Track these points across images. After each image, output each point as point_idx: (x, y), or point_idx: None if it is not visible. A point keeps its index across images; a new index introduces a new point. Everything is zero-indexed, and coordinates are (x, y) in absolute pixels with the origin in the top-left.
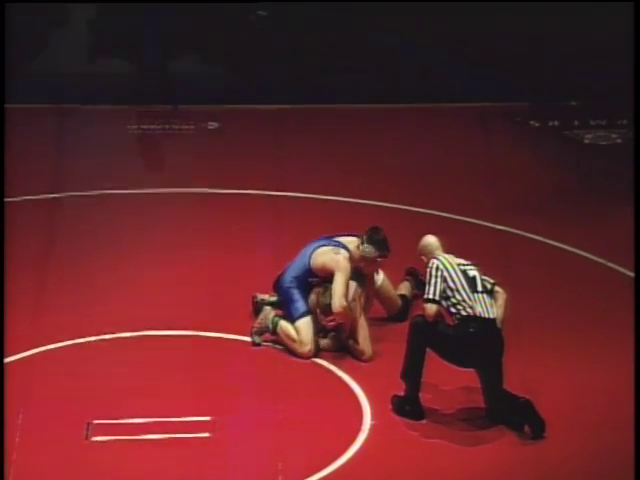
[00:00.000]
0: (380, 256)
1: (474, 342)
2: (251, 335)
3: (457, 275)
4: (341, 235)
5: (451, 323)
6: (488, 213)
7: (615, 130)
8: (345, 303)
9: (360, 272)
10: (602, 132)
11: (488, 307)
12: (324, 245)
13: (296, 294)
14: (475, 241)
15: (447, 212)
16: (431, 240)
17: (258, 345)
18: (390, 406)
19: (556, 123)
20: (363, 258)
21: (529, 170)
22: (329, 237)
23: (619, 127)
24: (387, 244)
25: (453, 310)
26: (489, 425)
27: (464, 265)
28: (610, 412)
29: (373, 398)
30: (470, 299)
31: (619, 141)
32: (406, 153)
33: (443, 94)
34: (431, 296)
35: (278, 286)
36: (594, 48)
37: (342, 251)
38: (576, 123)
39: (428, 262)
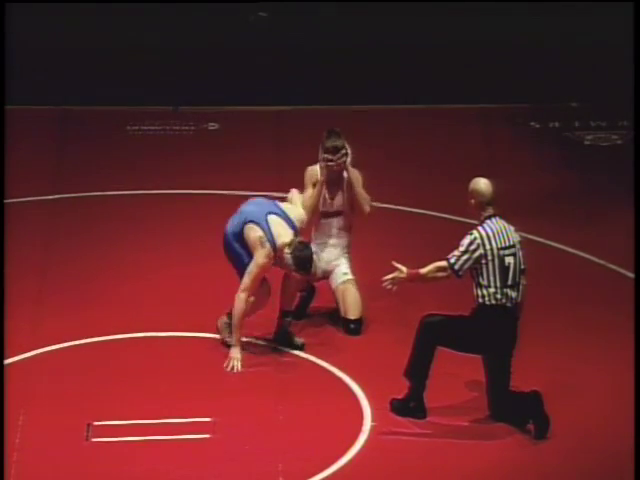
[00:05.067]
0: (296, 271)
1: (490, 330)
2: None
3: (493, 261)
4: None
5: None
6: None
7: (615, 131)
8: (244, 296)
9: None
10: (602, 133)
11: (512, 298)
12: (258, 223)
13: (238, 248)
14: None
15: (447, 212)
16: (483, 188)
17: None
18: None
19: (556, 124)
20: (281, 261)
21: (530, 171)
22: (274, 203)
23: (619, 128)
24: (307, 265)
25: (478, 292)
26: (490, 426)
27: (504, 249)
28: (610, 412)
29: (373, 399)
30: (498, 292)
31: (619, 142)
32: (406, 154)
33: (443, 95)
34: (457, 267)
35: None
36: (594, 48)
37: (267, 245)
38: (576, 124)
39: (475, 208)
